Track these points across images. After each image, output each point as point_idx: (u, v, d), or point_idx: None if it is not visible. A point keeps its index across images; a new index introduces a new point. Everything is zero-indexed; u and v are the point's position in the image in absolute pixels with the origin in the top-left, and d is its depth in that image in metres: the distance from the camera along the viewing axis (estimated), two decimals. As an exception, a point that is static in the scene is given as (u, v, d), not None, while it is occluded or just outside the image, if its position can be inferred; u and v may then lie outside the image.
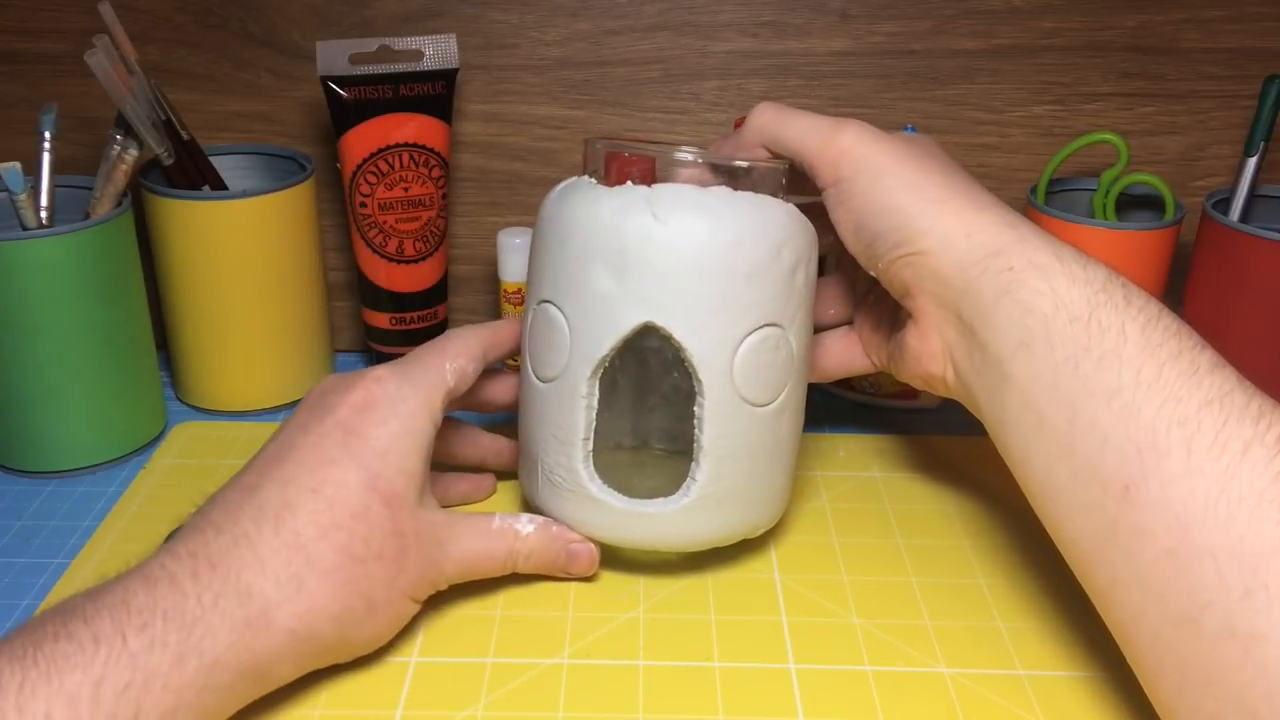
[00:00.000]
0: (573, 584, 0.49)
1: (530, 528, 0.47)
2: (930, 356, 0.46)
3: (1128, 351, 0.38)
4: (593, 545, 0.48)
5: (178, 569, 0.38)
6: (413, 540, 0.43)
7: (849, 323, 0.54)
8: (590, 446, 0.46)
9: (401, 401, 0.44)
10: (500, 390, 0.54)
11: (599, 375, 0.45)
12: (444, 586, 0.45)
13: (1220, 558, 0.34)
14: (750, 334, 0.44)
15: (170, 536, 0.41)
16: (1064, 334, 0.40)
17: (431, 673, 0.43)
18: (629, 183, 0.45)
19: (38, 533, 0.52)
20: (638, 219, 0.43)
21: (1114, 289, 0.40)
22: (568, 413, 0.46)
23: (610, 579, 0.49)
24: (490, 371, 0.52)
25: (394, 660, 0.44)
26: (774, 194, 0.46)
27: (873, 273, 0.47)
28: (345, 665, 0.43)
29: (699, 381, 0.44)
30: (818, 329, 0.54)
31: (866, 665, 0.44)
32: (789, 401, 0.47)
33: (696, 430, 0.45)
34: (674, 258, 0.43)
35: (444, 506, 0.47)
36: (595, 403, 0.46)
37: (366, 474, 0.42)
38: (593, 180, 0.46)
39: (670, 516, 0.46)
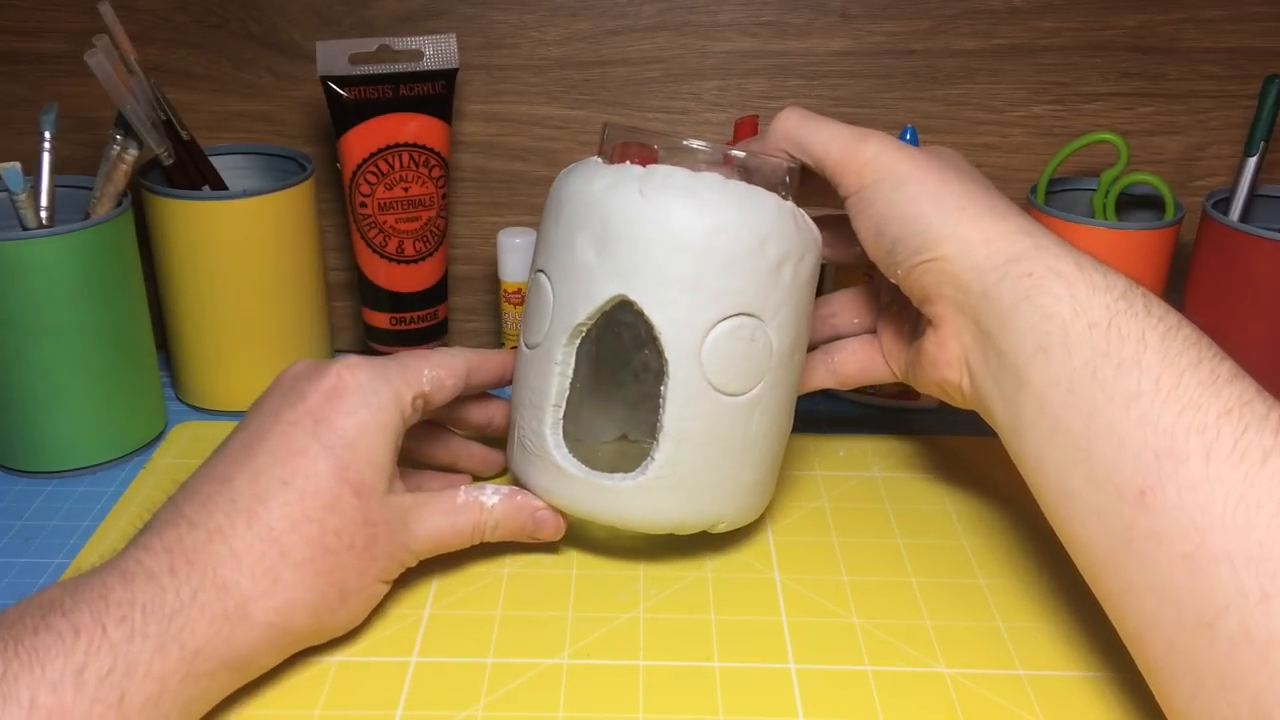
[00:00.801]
0: (573, 584, 0.49)
1: (495, 499, 0.48)
2: (947, 363, 0.46)
3: (1148, 359, 0.38)
4: (558, 513, 0.49)
5: (154, 564, 0.38)
6: (382, 528, 0.43)
7: (872, 331, 0.54)
8: (560, 414, 0.47)
9: (372, 393, 0.44)
10: (476, 411, 0.54)
11: (575, 344, 0.46)
12: (413, 564, 0.46)
13: (1238, 562, 0.34)
14: (723, 320, 0.44)
15: (143, 529, 0.41)
16: (1083, 340, 0.40)
17: (431, 673, 0.43)
18: (627, 163, 0.46)
19: (38, 533, 0.52)
20: (625, 194, 0.45)
21: (1134, 297, 0.40)
22: (542, 378, 0.47)
23: (610, 579, 0.49)
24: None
25: (394, 660, 0.44)
26: (775, 189, 0.46)
27: (893, 279, 0.47)
28: (344, 665, 0.43)
29: (666, 360, 0.45)
30: (840, 336, 0.54)
31: (866, 665, 0.44)
32: (766, 397, 0.47)
33: (660, 410, 0.45)
34: (653, 235, 0.44)
35: None
36: (570, 371, 0.47)
37: (337, 465, 0.42)
38: (600, 160, 0.47)
39: (625, 492, 0.46)
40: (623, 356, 0.51)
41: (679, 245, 0.44)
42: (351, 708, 0.41)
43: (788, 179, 0.47)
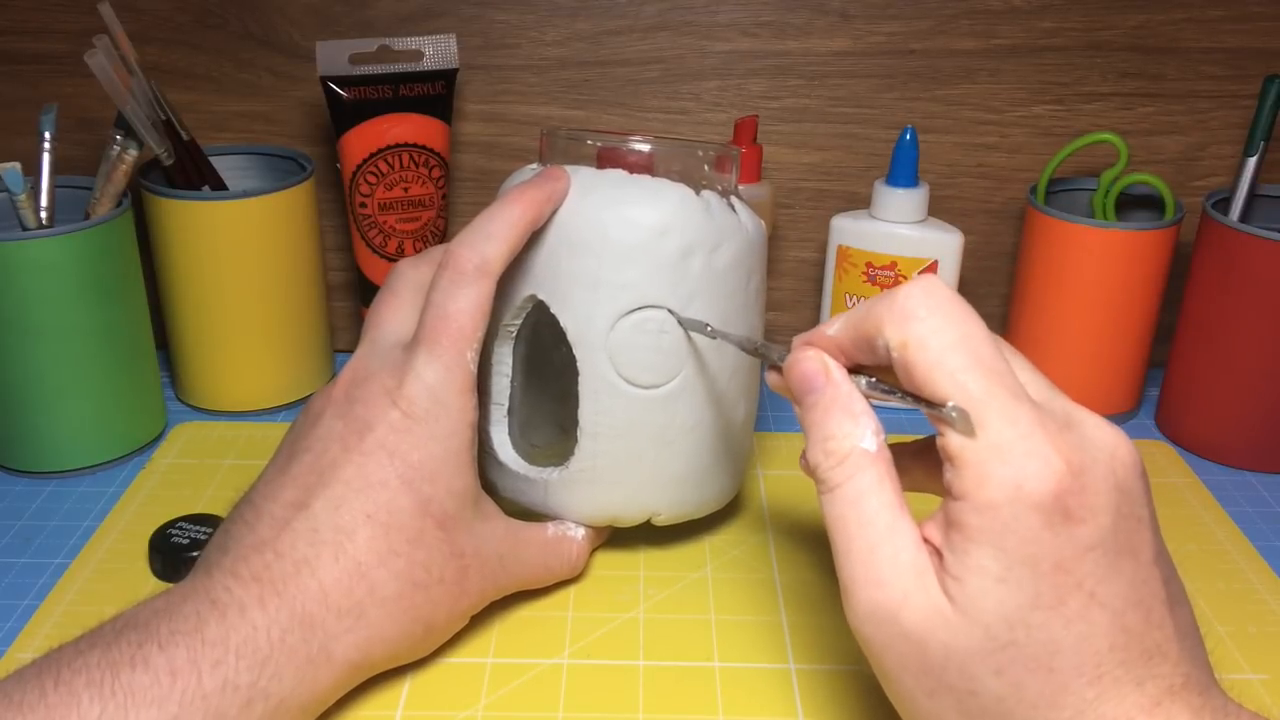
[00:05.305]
0: (573, 584, 0.49)
1: (579, 532, 0.48)
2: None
3: None
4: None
5: (245, 596, 0.37)
6: (472, 559, 0.43)
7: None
8: (504, 412, 0.48)
9: (439, 420, 0.42)
10: None
11: (508, 344, 0.48)
12: (497, 598, 0.45)
13: None
14: (628, 314, 0.45)
15: (222, 545, 0.40)
16: None
17: (431, 673, 0.43)
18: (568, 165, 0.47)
19: (38, 533, 0.52)
20: None
21: None
22: (484, 378, 0.48)
23: (610, 579, 0.49)
24: None
25: (394, 660, 0.44)
26: (691, 178, 0.46)
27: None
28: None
29: (576, 357, 0.45)
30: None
31: (867, 665, 0.44)
32: (689, 388, 0.46)
33: (579, 405, 0.46)
34: (553, 233, 0.45)
35: None
36: (507, 370, 0.48)
37: (418, 498, 0.41)
38: (536, 167, 0.48)
39: (552, 485, 0.47)
40: (548, 355, 0.51)
41: (576, 242, 0.44)
42: (351, 707, 0.41)
43: (706, 167, 0.47)
